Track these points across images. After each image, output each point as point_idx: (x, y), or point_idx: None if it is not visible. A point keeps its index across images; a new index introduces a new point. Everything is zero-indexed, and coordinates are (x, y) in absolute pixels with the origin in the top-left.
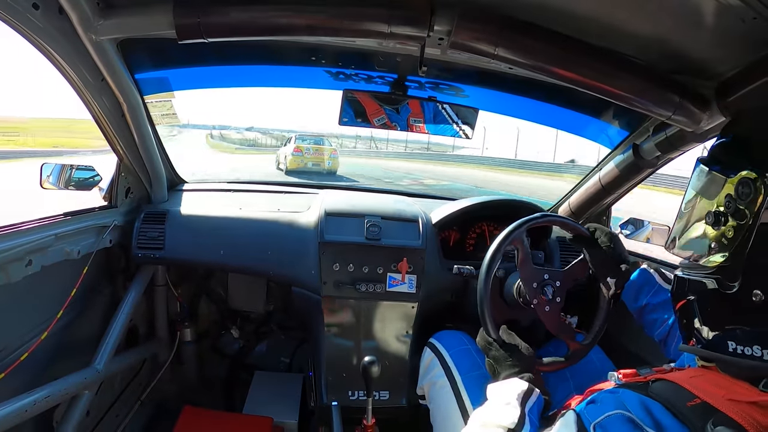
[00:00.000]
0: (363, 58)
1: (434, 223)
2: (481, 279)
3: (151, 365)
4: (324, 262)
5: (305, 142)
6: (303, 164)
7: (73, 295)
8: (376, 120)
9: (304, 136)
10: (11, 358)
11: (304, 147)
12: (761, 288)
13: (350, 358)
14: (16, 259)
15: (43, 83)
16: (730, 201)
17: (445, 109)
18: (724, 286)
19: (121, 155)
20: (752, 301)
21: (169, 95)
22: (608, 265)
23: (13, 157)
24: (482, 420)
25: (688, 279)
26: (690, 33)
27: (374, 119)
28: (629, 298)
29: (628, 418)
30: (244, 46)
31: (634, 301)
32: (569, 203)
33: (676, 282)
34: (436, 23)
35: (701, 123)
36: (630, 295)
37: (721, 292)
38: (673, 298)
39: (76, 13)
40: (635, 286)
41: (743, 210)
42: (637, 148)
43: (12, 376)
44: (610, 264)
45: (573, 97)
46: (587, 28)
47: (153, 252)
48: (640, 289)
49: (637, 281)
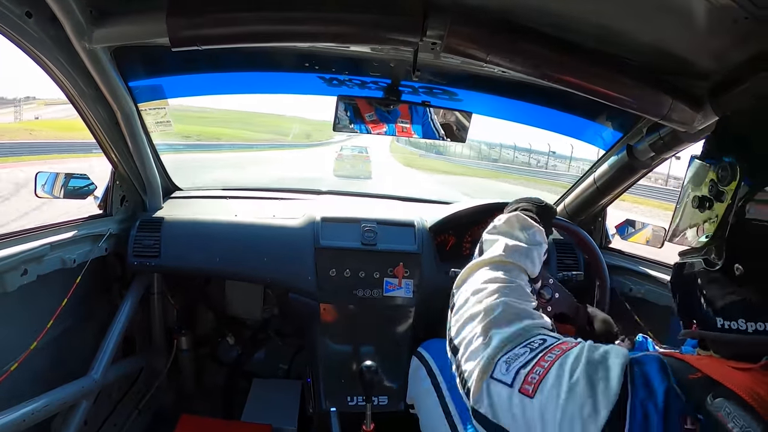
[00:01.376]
0: (356, 64)
1: (430, 228)
2: None
3: (149, 374)
4: (320, 268)
5: (344, 150)
6: (343, 167)
7: (67, 305)
8: (368, 116)
9: (346, 146)
10: (6, 368)
11: (344, 155)
12: (741, 262)
13: (348, 363)
14: (11, 269)
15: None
16: (713, 185)
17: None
18: (711, 264)
19: (116, 163)
20: (735, 276)
21: (162, 103)
22: (605, 336)
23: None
24: (506, 257)
25: (683, 263)
26: (682, 34)
27: (366, 114)
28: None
29: (659, 358)
30: (237, 52)
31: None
32: (564, 205)
33: (674, 270)
34: (429, 28)
35: (694, 123)
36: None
37: (709, 272)
38: (672, 286)
39: (69, 21)
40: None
41: (723, 191)
42: (631, 149)
43: (5, 386)
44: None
45: (566, 100)
46: (579, 30)
47: (149, 260)
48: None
49: (637, 351)
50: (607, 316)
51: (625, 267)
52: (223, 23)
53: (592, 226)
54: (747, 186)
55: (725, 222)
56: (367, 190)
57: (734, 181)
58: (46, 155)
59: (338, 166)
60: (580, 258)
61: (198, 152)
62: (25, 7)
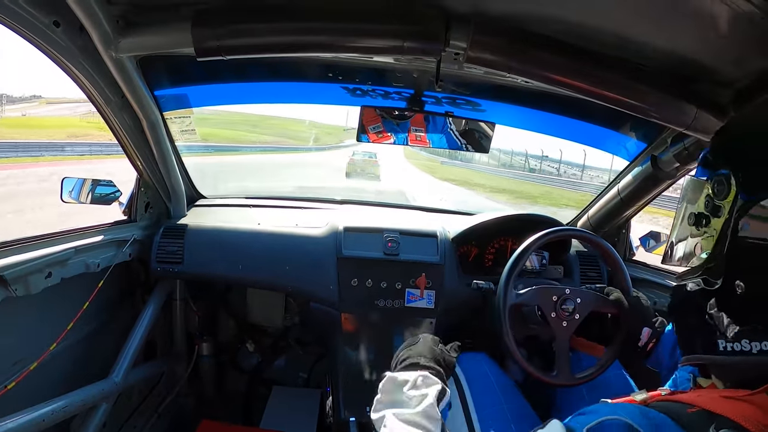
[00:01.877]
0: (380, 74)
1: (452, 239)
2: (500, 294)
3: (169, 378)
4: (342, 278)
5: (356, 155)
6: (354, 170)
7: (89, 308)
8: (371, 128)
9: (357, 152)
10: (26, 368)
11: (356, 159)
12: (742, 278)
13: (368, 373)
14: (36, 271)
15: None
16: (709, 200)
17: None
18: (710, 283)
19: (141, 170)
20: (736, 294)
21: (188, 111)
22: (642, 316)
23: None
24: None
25: (681, 285)
26: (703, 40)
27: (369, 126)
28: (666, 350)
29: (625, 423)
30: (261, 63)
31: (671, 352)
32: (588, 216)
33: (672, 293)
34: (452, 38)
35: None
36: (668, 346)
37: (708, 291)
38: (669, 310)
39: (96, 30)
40: (672, 337)
41: (720, 206)
42: (656, 160)
43: (26, 386)
44: (644, 316)
45: (590, 110)
46: (601, 38)
47: (172, 266)
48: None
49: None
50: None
51: (648, 280)
52: (246, 34)
53: (616, 238)
54: (742, 200)
55: (723, 237)
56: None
57: (730, 194)
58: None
59: (350, 169)
60: (604, 270)
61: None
62: (53, 16)
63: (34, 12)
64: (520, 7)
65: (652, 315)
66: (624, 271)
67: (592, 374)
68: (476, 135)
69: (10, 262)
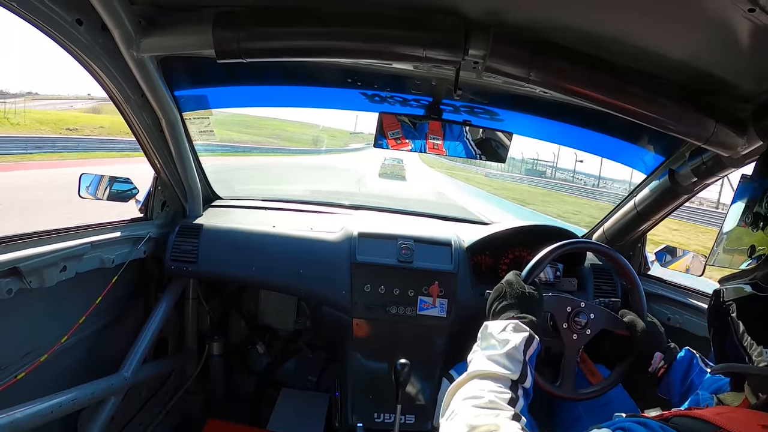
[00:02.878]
0: (398, 81)
1: (467, 248)
2: None
3: (179, 376)
4: (355, 283)
5: (387, 161)
6: (386, 171)
7: (102, 303)
8: (390, 133)
9: (388, 158)
10: (36, 359)
11: (386, 164)
12: None
13: (378, 379)
14: (51, 264)
15: None
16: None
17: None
18: (760, 288)
19: (159, 169)
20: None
21: (207, 112)
22: (654, 340)
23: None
24: (483, 368)
25: (725, 289)
26: (724, 54)
27: (389, 132)
28: (678, 377)
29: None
30: (281, 67)
31: (682, 380)
32: (603, 229)
33: (713, 298)
34: (471, 47)
35: (738, 148)
36: (679, 373)
37: (757, 297)
38: (709, 314)
39: (118, 30)
40: (685, 362)
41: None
42: (674, 174)
43: (36, 377)
44: (656, 340)
45: (608, 122)
46: (621, 50)
47: (186, 265)
48: (689, 366)
49: (686, 359)
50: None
51: (663, 295)
52: (267, 37)
53: (631, 252)
54: None
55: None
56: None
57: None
58: None
59: (382, 170)
60: (618, 284)
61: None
62: (76, 14)
63: (57, 10)
64: (540, 16)
65: (665, 341)
66: (638, 285)
67: (595, 392)
68: (493, 144)
69: (26, 254)
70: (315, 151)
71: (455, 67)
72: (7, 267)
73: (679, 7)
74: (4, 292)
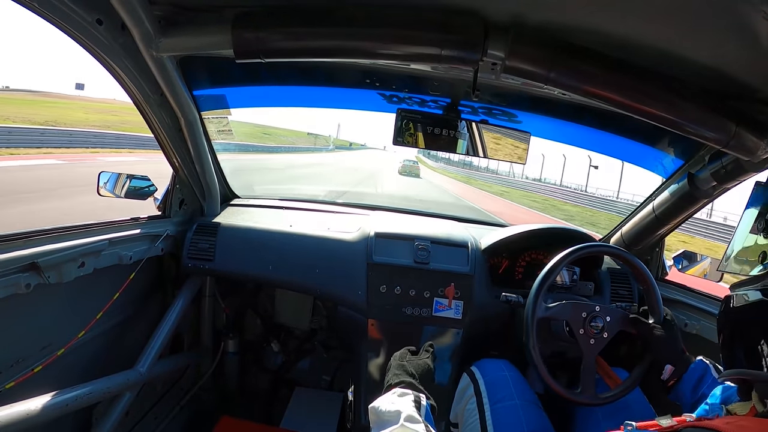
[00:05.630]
0: (417, 82)
1: (483, 249)
2: (529, 306)
3: (194, 373)
4: (371, 284)
5: (405, 162)
6: (404, 170)
7: (119, 299)
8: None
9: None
10: (53, 353)
11: (404, 164)
12: None
13: None
14: (69, 260)
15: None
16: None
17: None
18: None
19: (177, 168)
20: None
21: (225, 112)
22: (668, 349)
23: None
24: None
25: (736, 296)
26: (746, 57)
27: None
28: (688, 387)
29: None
30: (299, 67)
31: (693, 390)
32: (621, 233)
33: (723, 303)
34: (490, 48)
35: (758, 152)
36: (689, 385)
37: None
38: (720, 320)
39: (138, 29)
40: (696, 375)
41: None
42: (693, 178)
43: (53, 371)
44: (670, 349)
45: (626, 124)
46: (641, 53)
47: (203, 263)
48: (700, 379)
49: (698, 370)
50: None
51: (680, 301)
52: (286, 37)
53: (649, 256)
54: None
55: None
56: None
57: None
58: None
59: (401, 169)
60: (635, 289)
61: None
62: (96, 14)
63: (77, 9)
64: (560, 17)
65: (679, 349)
66: (656, 290)
67: (616, 395)
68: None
69: (45, 249)
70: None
71: (474, 68)
72: (26, 262)
73: (701, 11)
74: (23, 287)
